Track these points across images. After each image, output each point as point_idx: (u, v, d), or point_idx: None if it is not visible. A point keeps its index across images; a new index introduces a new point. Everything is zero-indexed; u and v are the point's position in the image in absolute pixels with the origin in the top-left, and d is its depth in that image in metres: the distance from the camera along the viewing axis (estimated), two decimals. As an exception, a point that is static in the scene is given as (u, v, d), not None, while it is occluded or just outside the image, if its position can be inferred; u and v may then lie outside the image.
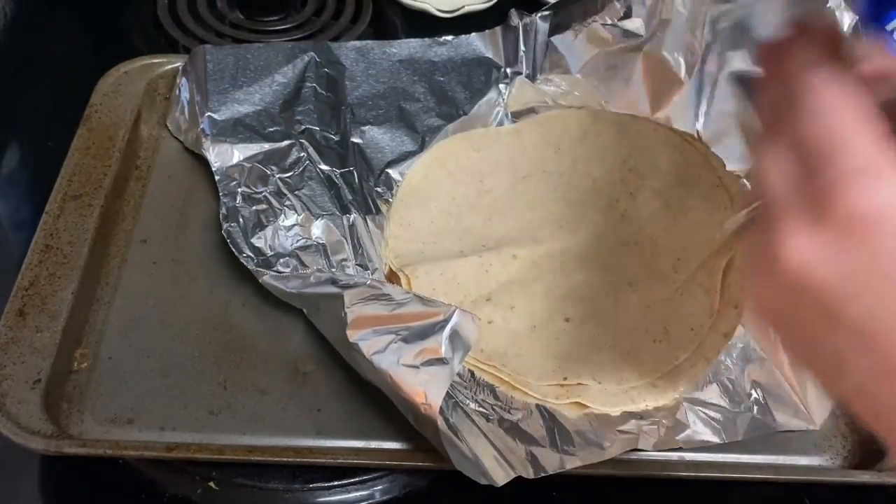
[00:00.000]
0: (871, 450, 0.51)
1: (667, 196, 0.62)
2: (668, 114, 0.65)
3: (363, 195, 0.61)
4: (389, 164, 0.63)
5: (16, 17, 0.80)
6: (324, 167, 0.61)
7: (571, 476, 0.48)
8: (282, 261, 0.55)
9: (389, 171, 0.63)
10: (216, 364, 0.53)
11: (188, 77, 0.65)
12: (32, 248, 0.55)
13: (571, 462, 0.47)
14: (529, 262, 0.59)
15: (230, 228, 0.56)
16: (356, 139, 0.64)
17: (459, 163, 0.65)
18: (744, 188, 0.60)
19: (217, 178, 0.59)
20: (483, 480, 0.45)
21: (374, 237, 0.59)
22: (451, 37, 0.69)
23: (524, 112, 0.68)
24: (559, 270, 0.59)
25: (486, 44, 0.69)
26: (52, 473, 0.50)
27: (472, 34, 0.69)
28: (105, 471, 0.50)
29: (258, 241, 0.56)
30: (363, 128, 0.64)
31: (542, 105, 0.67)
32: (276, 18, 0.79)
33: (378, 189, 0.62)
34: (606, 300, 0.57)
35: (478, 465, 0.46)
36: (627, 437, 0.49)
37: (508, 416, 0.50)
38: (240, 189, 0.58)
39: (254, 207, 0.57)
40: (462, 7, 0.80)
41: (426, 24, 0.80)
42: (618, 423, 0.50)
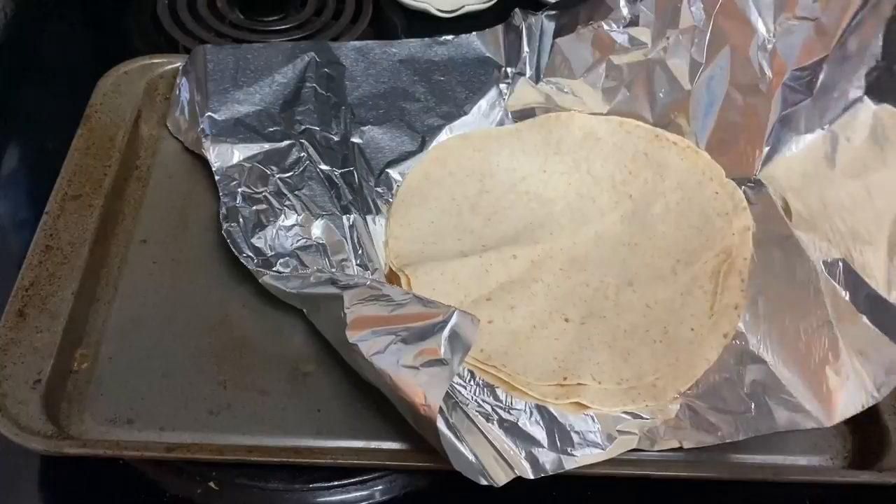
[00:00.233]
0: (871, 450, 0.51)
1: (667, 199, 0.62)
2: (670, 120, 0.65)
3: (363, 195, 0.61)
4: (389, 164, 0.63)
5: (16, 17, 0.80)
6: (324, 167, 0.61)
7: (571, 476, 0.48)
8: (282, 261, 0.55)
9: (389, 171, 0.63)
10: (216, 364, 0.53)
11: (188, 77, 0.65)
12: (32, 249, 0.55)
13: (571, 462, 0.47)
14: (529, 262, 0.59)
15: (230, 228, 0.56)
16: (356, 139, 0.64)
17: (459, 163, 0.65)
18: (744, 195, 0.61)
19: (217, 178, 0.59)
20: (483, 481, 0.45)
21: (374, 237, 0.59)
22: (452, 36, 0.68)
23: (525, 112, 0.67)
24: (559, 270, 0.59)
25: (487, 43, 0.68)
26: (52, 473, 0.50)
27: (473, 34, 0.69)
28: (105, 471, 0.50)
29: (258, 241, 0.56)
30: (363, 128, 0.64)
31: (543, 106, 0.67)
32: (276, 18, 0.79)
33: (378, 189, 0.62)
34: (606, 300, 0.57)
35: (478, 466, 0.46)
36: (627, 437, 0.49)
37: (508, 417, 0.50)
38: (240, 189, 0.58)
39: (254, 207, 0.57)
40: (462, 7, 0.80)
41: (426, 24, 0.80)
42: (618, 424, 0.50)
